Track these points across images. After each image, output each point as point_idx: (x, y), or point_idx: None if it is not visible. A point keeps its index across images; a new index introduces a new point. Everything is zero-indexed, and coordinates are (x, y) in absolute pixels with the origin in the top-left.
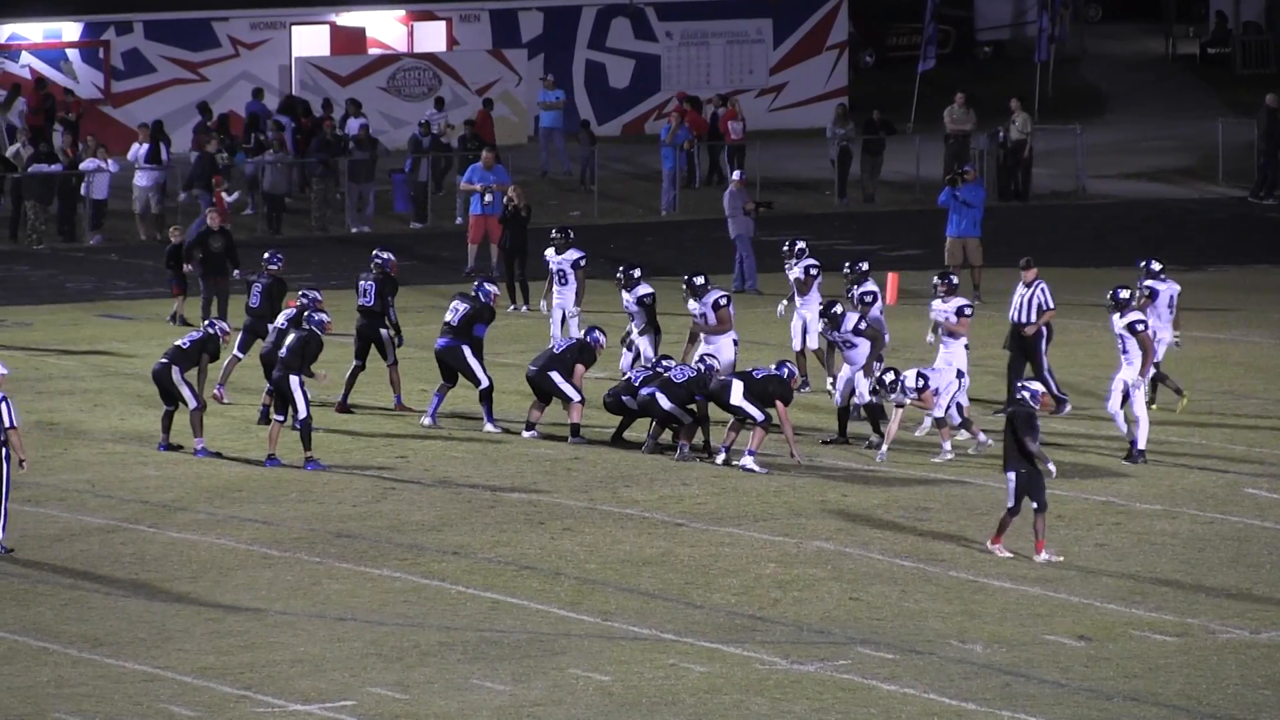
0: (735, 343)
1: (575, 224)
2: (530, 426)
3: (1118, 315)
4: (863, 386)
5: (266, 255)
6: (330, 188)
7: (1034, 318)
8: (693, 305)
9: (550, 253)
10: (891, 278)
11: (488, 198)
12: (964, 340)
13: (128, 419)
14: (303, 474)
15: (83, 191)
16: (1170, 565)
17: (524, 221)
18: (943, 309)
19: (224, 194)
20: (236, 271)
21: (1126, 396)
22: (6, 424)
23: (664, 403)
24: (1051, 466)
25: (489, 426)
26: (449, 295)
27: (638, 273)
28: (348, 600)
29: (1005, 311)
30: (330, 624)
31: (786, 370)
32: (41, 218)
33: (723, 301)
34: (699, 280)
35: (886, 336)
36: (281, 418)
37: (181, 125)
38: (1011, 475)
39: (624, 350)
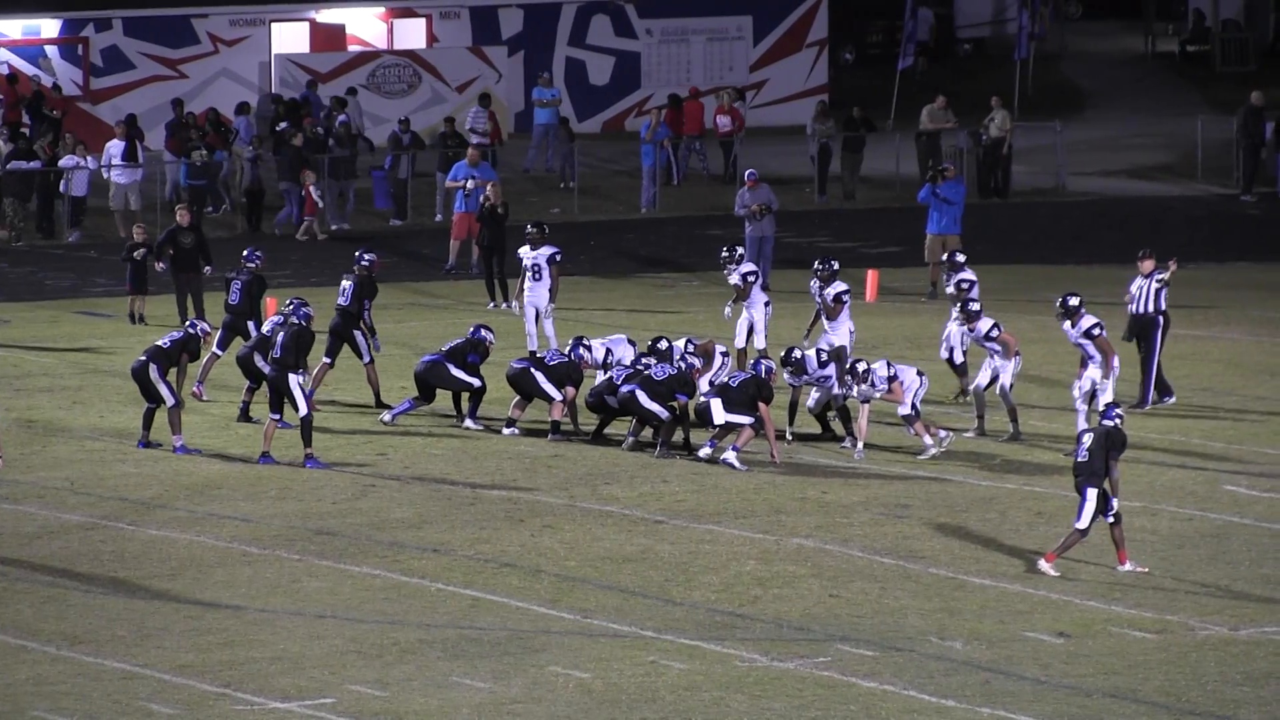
0: (851, 332)
1: (555, 221)
2: (511, 423)
3: (1069, 324)
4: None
5: (245, 252)
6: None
7: (1153, 308)
8: (815, 288)
9: (525, 249)
10: (871, 275)
11: (469, 185)
12: (847, 324)
13: (107, 416)
14: (282, 471)
15: (61, 188)
16: (1149, 562)
17: (501, 219)
18: (829, 292)
19: (311, 187)
20: (208, 268)
21: (1094, 397)
22: None
23: (644, 400)
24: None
25: (469, 423)
26: (429, 293)
27: (740, 251)
28: (327, 598)
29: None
30: (310, 621)
31: (764, 368)
32: (20, 214)
33: (844, 297)
34: (834, 265)
35: (849, 346)
36: (278, 416)
37: (161, 122)
38: (1093, 492)
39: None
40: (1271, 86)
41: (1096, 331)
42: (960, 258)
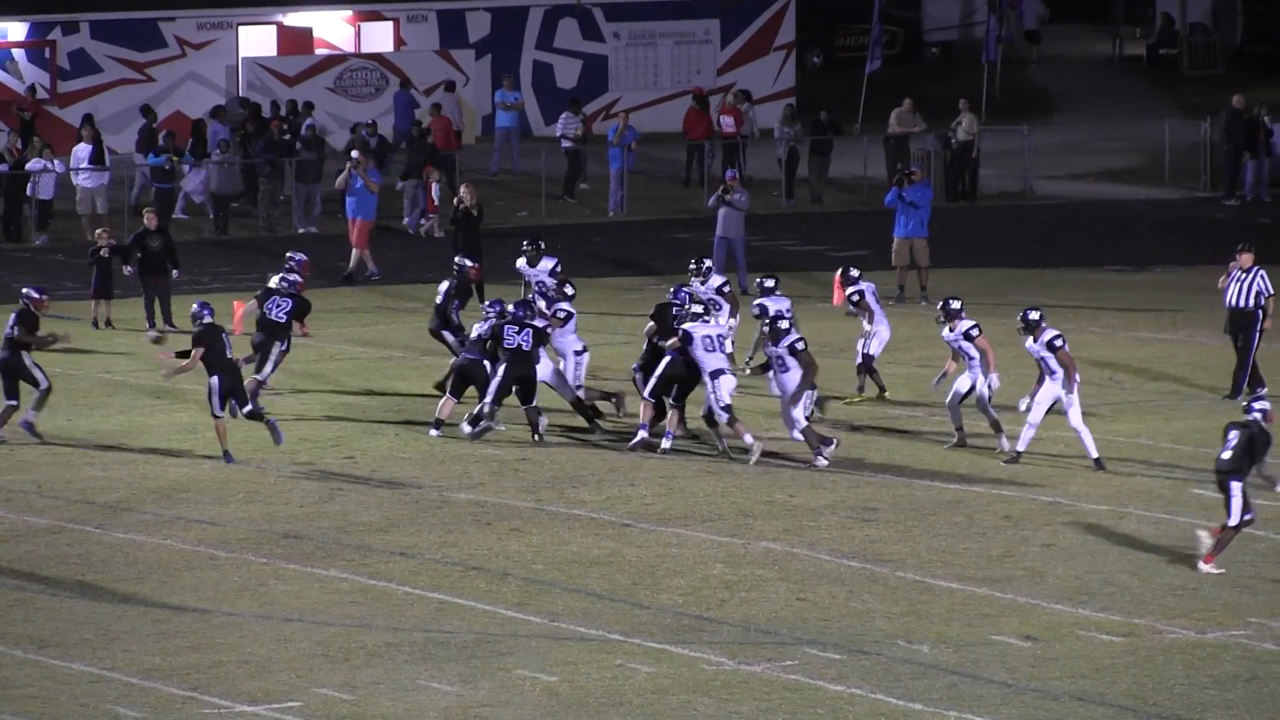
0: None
1: (524, 224)
2: (439, 425)
3: (1030, 339)
4: (797, 413)
5: (291, 260)
6: (277, 188)
7: (1252, 303)
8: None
9: (522, 263)
10: (836, 279)
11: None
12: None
13: (74, 419)
14: (250, 475)
15: (28, 192)
16: (1117, 565)
17: (476, 221)
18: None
19: (434, 184)
20: (175, 271)
21: (1052, 410)
22: None
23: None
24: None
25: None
26: (398, 296)
27: (708, 264)
28: (294, 601)
29: (1221, 299)
30: (277, 625)
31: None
32: None
33: (974, 332)
34: (955, 305)
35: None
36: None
37: (128, 126)
38: (1238, 487)
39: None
40: (1239, 89)
41: (1059, 344)
42: (955, 304)
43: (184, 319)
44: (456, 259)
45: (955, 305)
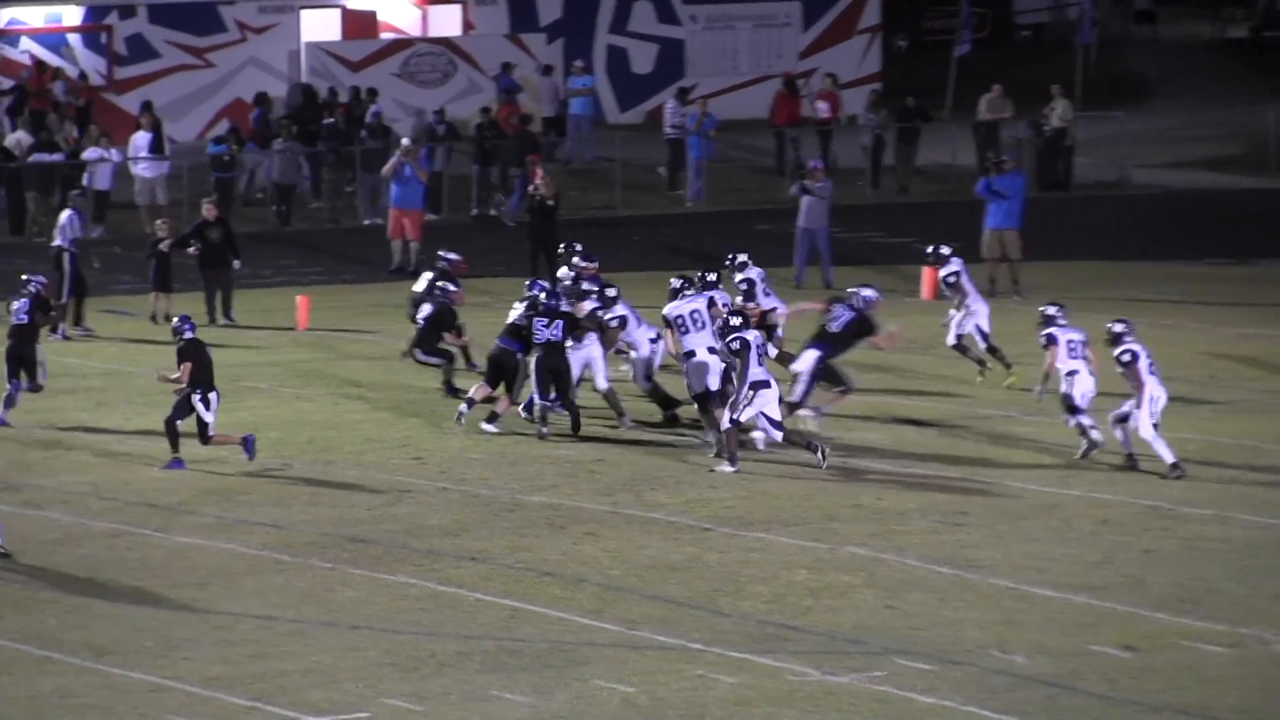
0: (1091, 373)
1: (598, 215)
2: (470, 404)
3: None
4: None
5: (445, 260)
6: (341, 178)
7: None
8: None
9: (563, 270)
10: (928, 272)
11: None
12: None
13: (131, 418)
14: (314, 476)
15: (85, 182)
16: (1221, 572)
17: (552, 212)
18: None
19: (538, 170)
20: (236, 263)
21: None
22: None
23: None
24: None
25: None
26: (469, 289)
27: (742, 258)
28: (361, 608)
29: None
30: (343, 632)
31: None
32: (42, 209)
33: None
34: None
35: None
36: None
37: (187, 113)
38: None
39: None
40: None
41: (1126, 358)
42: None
43: (246, 314)
44: (440, 253)
45: (1117, 329)
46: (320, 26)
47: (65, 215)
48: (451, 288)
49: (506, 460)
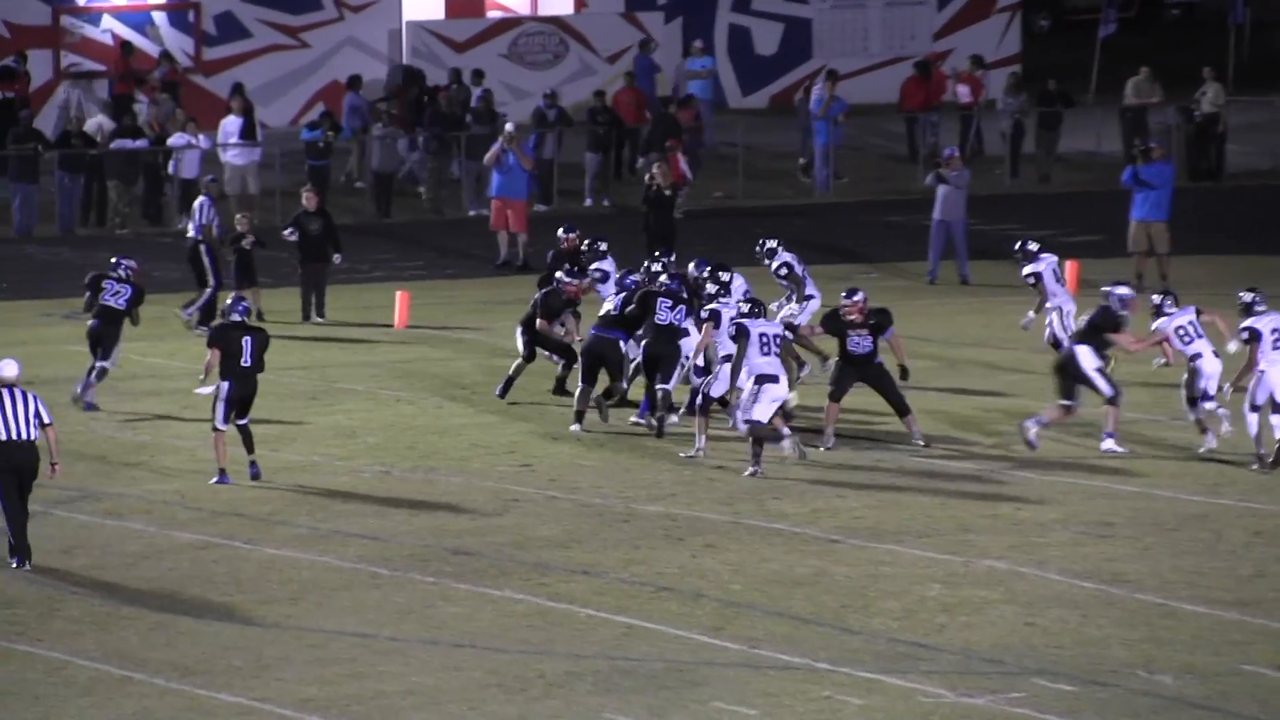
0: (1215, 354)
1: (719, 205)
2: (581, 416)
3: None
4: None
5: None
6: (444, 166)
7: None
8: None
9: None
10: (1070, 266)
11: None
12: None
13: None
14: (415, 483)
15: (170, 170)
16: None
17: (669, 202)
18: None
19: (679, 156)
20: (337, 256)
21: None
22: (45, 420)
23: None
24: None
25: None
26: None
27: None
28: (465, 625)
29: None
30: (446, 651)
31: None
32: (125, 199)
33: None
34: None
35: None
36: None
37: (280, 96)
38: None
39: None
40: None
41: (1244, 337)
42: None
43: (342, 311)
44: (658, 253)
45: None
46: (422, 4)
47: (199, 202)
48: (567, 279)
49: (621, 467)
